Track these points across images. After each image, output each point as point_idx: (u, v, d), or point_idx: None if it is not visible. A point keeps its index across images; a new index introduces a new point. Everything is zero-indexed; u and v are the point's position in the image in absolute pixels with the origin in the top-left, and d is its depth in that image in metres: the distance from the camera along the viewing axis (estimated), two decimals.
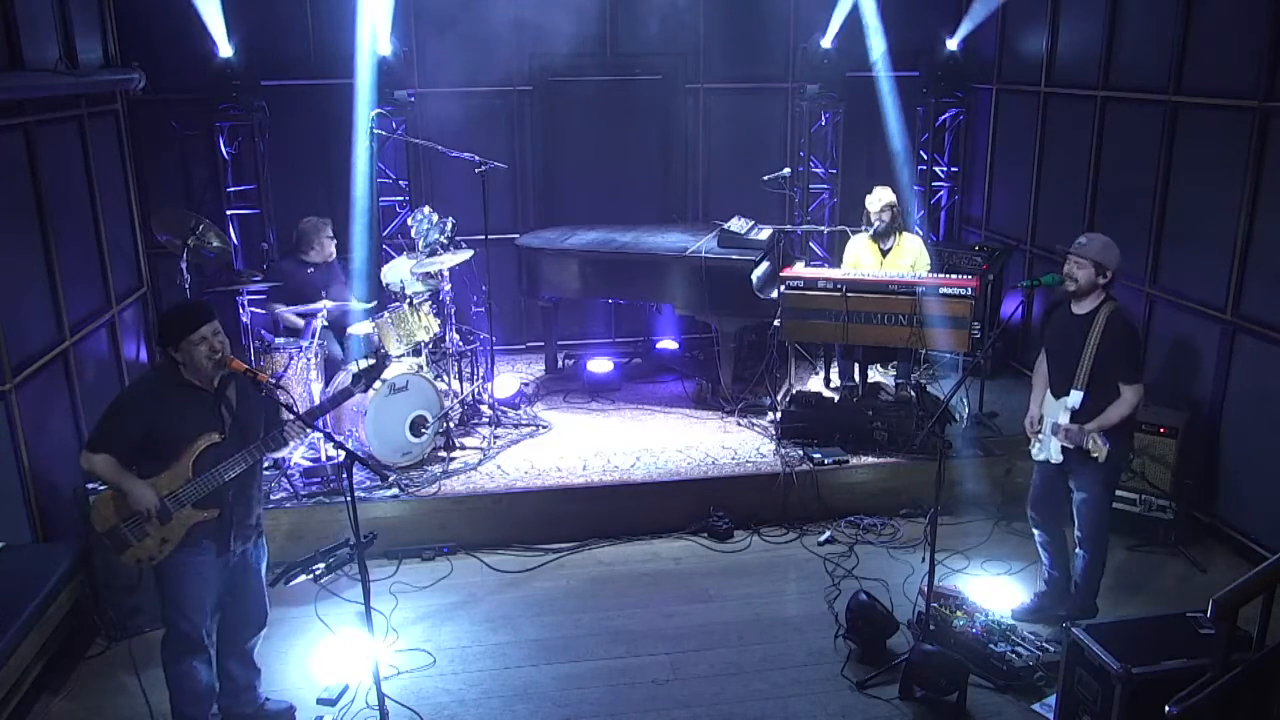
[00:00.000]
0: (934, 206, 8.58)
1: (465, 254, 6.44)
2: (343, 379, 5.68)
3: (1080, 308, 4.55)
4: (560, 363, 7.96)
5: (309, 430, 3.90)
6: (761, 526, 5.91)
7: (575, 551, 5.71)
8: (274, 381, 3.85)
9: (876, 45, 7.72)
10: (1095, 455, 4.47)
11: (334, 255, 6.60)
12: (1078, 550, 4.76)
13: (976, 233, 8.39)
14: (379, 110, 7.13)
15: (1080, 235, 4.62)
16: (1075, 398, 4.50)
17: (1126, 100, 6.41)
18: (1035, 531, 4.90)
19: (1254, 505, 5.46)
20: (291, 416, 3.88)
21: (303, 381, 5.90)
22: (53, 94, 5.65)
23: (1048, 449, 4.67)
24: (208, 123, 7.25)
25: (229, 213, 7.35)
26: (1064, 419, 4.54)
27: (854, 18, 7.55)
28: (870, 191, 6.66)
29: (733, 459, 6.21)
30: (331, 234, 6.56)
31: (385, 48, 7.15)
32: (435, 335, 6.42)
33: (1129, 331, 4.54)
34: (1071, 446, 4.55)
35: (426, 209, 6.57)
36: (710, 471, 6.04)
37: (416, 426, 5.99)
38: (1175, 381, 5.92)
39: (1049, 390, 4.68)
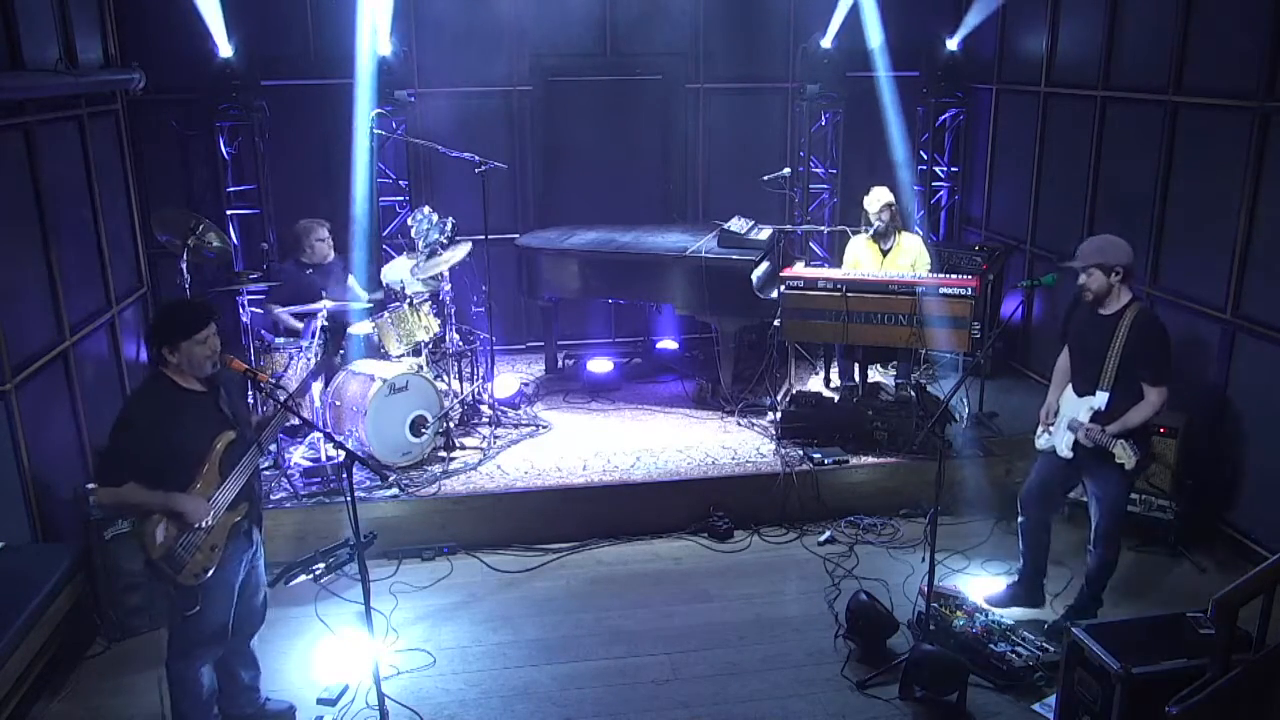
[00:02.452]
0: (934, 206, 8.58)
1: (464, 248, 6.41)
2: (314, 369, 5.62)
3: (1106, 308, 4.49)
4: (560, 363, 7.95)
5: (291, 416, 3.95)
6: (761, 526, 5.91)
7: (575, 551, 5.71)
8: (274, 381, 3.86)
9: (876, 45, 7.72)
10: (1122, 462, 4.36)
11: (330, 256, 6.57)
12: (1090, 549, 4.74)
13: (976, 233, 8.39)
14: (379, 110, 7.15)
15: (1081, 245, 4.58)
16: (1101, 398, 4.46)
17: (1126, 100, 6.41)
18: (1019, 518, 4.89)
19: (1254, 505, 5.45)
20: (277, 404, 3.89)
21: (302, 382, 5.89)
22: (53, 94, 5.64)
23: (1057, 440, 4.63)
24: (208, 123, 7.25)
25: (229, 213, 7.35)
26: (1085, 417, 4.50)
27: (854, 18, 7.55)
28: (868, 192, 6.66)
29: (733, 459, 6.21)
30: (324, 235, 6.53)
31: (385, 48, 7.15)
32: (435, 335, 6.42)
33: (1159, 332, 4.46)
34: (1089, 445, 4.49)
35: (426, 209, 6.57)
36: (710, 471, 6.04)
37: (416, 426, 5.99)
38: (1175, 381, 5.89)
39: (1071, 387, 4.63)
